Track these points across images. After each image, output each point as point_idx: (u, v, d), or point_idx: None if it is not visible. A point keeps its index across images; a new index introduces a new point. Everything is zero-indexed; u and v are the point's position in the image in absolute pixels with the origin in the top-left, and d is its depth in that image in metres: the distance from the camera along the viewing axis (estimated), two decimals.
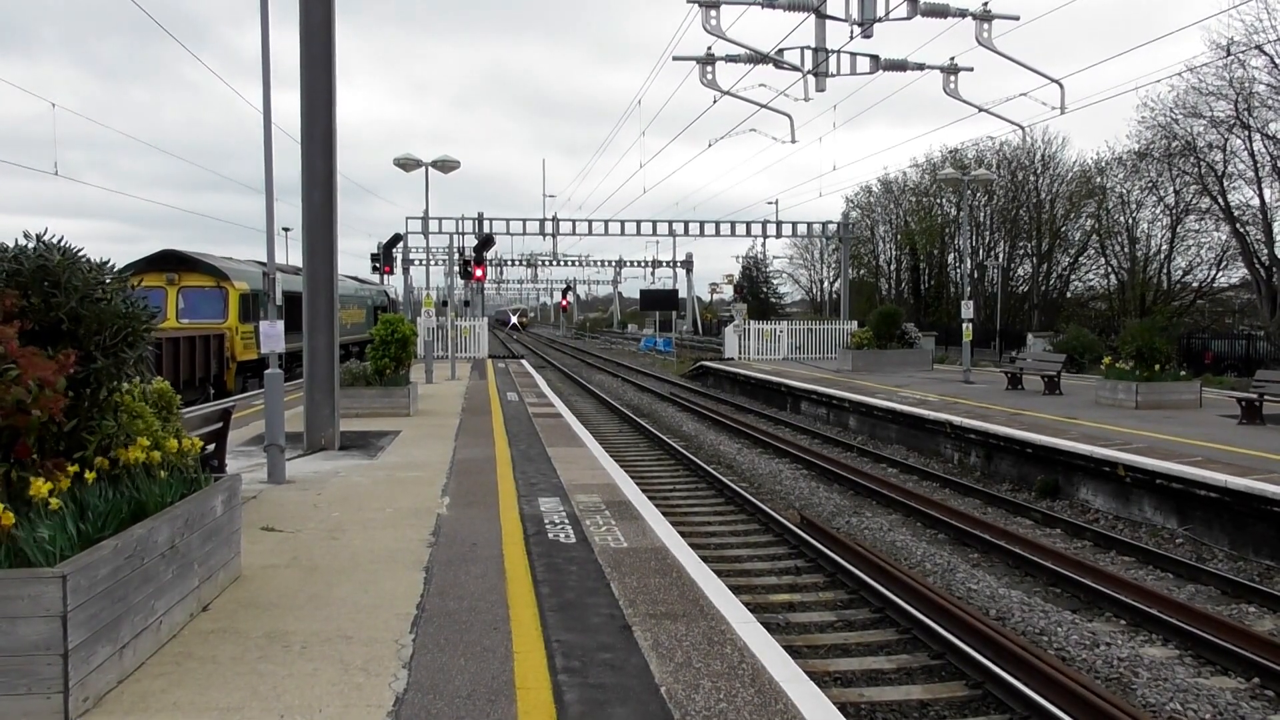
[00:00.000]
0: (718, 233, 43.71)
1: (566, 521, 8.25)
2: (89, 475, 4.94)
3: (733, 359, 35.43)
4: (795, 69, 23.16)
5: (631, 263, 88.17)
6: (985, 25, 22.62)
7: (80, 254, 5.17)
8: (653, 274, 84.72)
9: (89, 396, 5.08)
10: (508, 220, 42.77)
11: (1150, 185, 43.13)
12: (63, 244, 5.14)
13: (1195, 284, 44.82)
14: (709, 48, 23.51)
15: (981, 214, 51.38)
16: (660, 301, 56.83)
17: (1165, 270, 45.18)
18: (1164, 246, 44.76)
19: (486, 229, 40.90)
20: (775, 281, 76.82)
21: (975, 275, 49.40)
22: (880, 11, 21.45)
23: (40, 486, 4.43)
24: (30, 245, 5.07)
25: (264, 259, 10.87)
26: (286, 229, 47.79)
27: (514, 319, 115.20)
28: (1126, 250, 46.36)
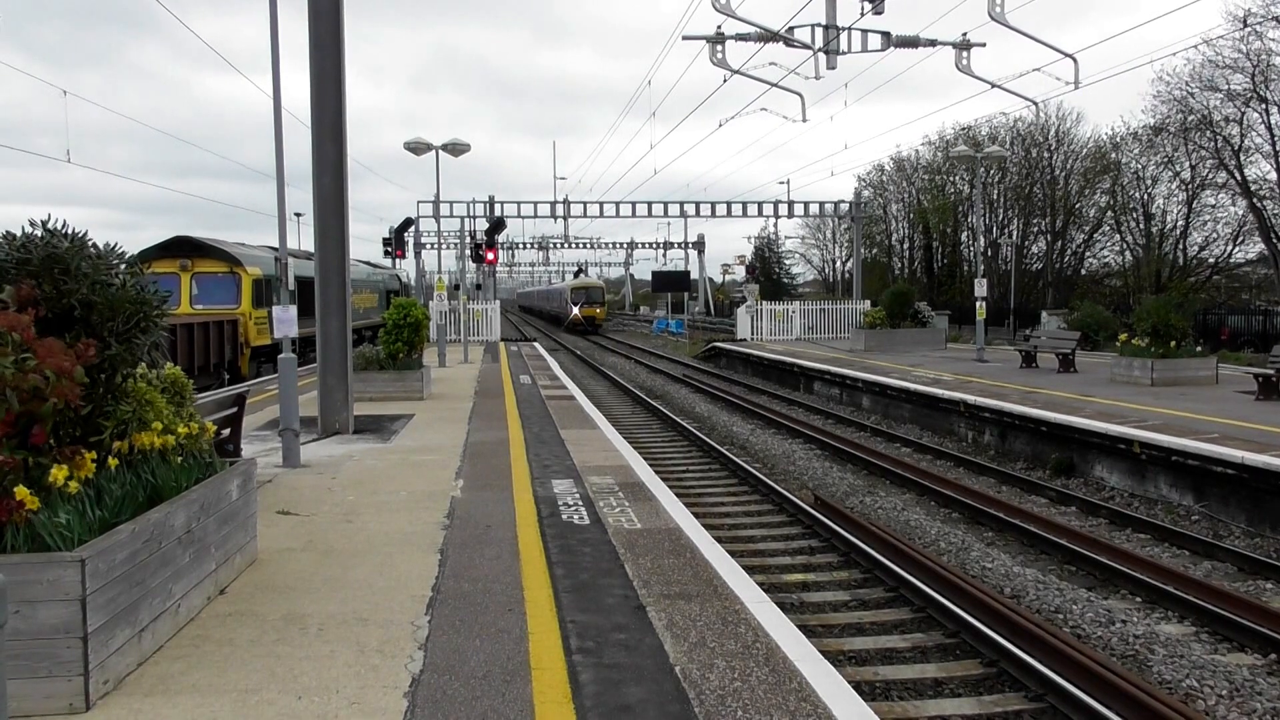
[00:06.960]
0: (729, 213, 43.53)
1: (580, 503, 8.27)
2: (111, 462, 4.96)
3: (745, 340, 35.37)
4: (806, 47, 23.02)
5: (643, 244, 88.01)
6: None
7: (87, 240, 5.18)
8: (664, 255, 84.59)
9: (104, 383, 5.10)
10: (519, 203, 42.75)
11: (1166, 160, 42.75)
12: (69, 231, 5.15)
13: (1211, 259, 44.46)
14: (719, 26, 23.39)
15: (995, 191, 50.98)
16: (672, 283, 56.66)
17: (1181, 246, 44.80)
18: (1180, 222, 44.43)
19: (498, 213, 40.89)
20: (788, 262, 76.85)
21: (989, 253, 49.06)
22: None
23: (59, 473, 4.45)
24: (37, 233, 5.08)
25: (274, 244, 10.89)
26: (298, 214, 47.92)
27: (575, 309, 61.06)
28: (1142, 226, 46.00)
